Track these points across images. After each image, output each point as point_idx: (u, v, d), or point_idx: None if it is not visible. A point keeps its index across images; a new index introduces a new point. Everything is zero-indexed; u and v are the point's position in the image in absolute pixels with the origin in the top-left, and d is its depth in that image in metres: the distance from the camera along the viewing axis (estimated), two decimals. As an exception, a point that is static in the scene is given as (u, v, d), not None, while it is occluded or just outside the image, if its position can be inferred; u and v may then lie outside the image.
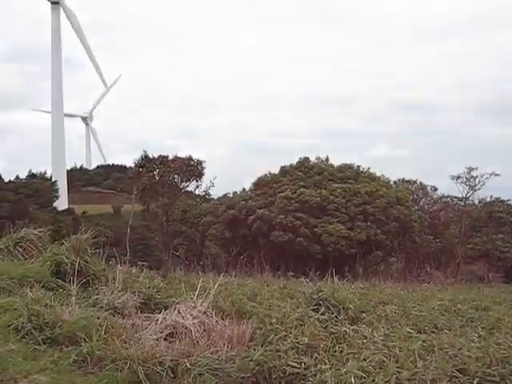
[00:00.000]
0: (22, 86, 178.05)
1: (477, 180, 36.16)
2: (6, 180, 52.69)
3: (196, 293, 9.18)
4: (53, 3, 74.22)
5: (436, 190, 41.71)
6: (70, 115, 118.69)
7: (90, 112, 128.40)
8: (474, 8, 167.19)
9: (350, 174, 38.80)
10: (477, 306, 13.50)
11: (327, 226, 34.47)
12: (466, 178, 36.23)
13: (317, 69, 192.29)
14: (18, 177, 58.89)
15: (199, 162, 31.28)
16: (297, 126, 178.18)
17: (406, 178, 43.00)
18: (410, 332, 8.44)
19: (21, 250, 12.38)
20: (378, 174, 40.43)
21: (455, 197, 39.29)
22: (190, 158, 31.32)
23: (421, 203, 42.11)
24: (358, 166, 40.11)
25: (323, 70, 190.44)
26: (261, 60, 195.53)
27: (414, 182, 42.62)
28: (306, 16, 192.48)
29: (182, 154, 31.89)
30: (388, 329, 8.75)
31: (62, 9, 73.45)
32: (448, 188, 39.75)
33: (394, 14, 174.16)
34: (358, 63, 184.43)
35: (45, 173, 77.51)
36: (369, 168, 40.35)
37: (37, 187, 50.04)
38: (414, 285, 23.42)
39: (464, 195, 37.48)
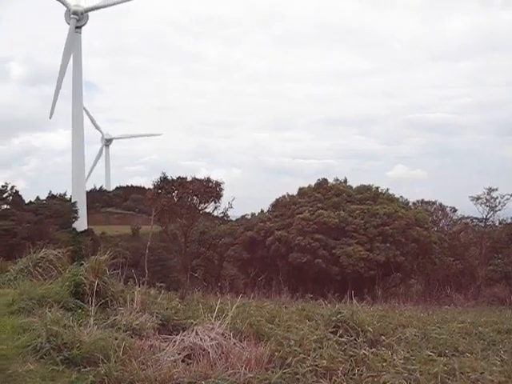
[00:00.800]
0: (42, 108, 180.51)
1: (497, 201, 35.87)
2: (27, 201, 53.26)
3: (214, 314, 9.16)
4: (75, 28, 75.82)
5: (455, 211, 41.40)
6: (95, 125, 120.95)
7: (111, 138, 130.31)
8: (492, 27, 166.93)
9: (369, 195, 38.70)
10: (499, 328, 13.28)
11: (346, 247, 34.32)
12: (486, 199, 35.95)
13: (333, 90, 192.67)
14: (38, 198, 59.20)
15: (217, 184, 31.44)
16: (314, 147, 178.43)
17: (425, 199, 42.82)
18: (430, 355, 8.32)
19: (40, 270, 12.46)
20: (397, 196, 40.34)
21: (475, 218, 38.92)
22: (208, 180, 31.49)
23: (440, 224, 41.79)
24: (377, 188, 40.03)
25: (340, 90, 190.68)
26: (277, 81, 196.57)
27: (433, 203, 42.39)
28: (321, 37, 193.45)
29: (201, 176, 32.13)
30: (408, 352, 8.64)
31: (70, 38, 75.01)
32: (467, 209, 39.44)
33: (411, 33, 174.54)
34: (376, 84, 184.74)
35: (65, 194, 78.04)
36: (387, 189, 40.28)
37: (57, 208, 50.51)
38: (434, 307, 23.11)
39: (484, 216, 37.16)
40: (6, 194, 47.50)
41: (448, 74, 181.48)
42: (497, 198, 35.73)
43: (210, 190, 31.12)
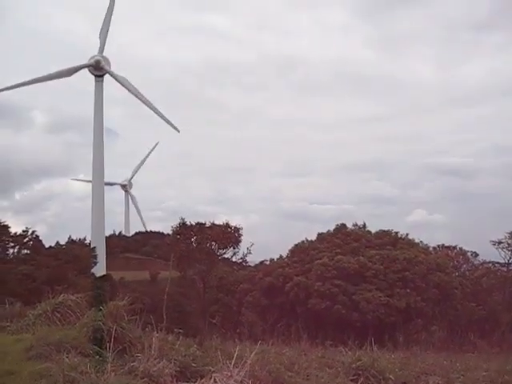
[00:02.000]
0: (64, 155, 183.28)
1: (519, 245, 35.50)
2: (47, 246, 53.65)
3: (232, 361, 9.05)
4: (96, 76, 77.43)
5: (477, 255, 40.96)
6: (109, 183, 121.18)
7: (129, 179, 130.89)
8: (509, 71, 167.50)
9: (388, 240, 38.43)
10: (525, 377, 12.93)
11: (365, 293, 33.93)
12: (508, 244, 35.56)
13: (350, 135, 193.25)
14: (58, 243, 59.68)
15: (236, 229, 31.55)
16: (331, 192, 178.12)
17: (446, 244, 42.46)
18: (454, 404, 8.13)
19: (59, 315, 12.48)
20: (417, 240, 40.01)
21: (497, 262, 38.48)
22: (227, 225, 31.62)
23: (462, 269, 41.30)
24: (396, 233, 39.77)
25: (357, 136, 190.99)
26: (294, 128, 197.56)
27: (454, 247, 42.00)
28: (338, 84, 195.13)
29: (219, 221, 32.27)
30: (431, 401, 8.45)
31: (113, 78, 76.05)
32: (489, 253, 39.02)
33: (428, 78, 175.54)
34: (393, 129, 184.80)
35: (84, 239, 78.55)
36: (407, 234, 39.99)
37: (76, 253, 50.71)
38: (457, 354, 22.63)
39: (506, 260, 36.70)
40: (27, 239, 47.89)
41: (465, 119, 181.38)
42: (518, 242, 35.37)
43: (229, 235, 31.23)
